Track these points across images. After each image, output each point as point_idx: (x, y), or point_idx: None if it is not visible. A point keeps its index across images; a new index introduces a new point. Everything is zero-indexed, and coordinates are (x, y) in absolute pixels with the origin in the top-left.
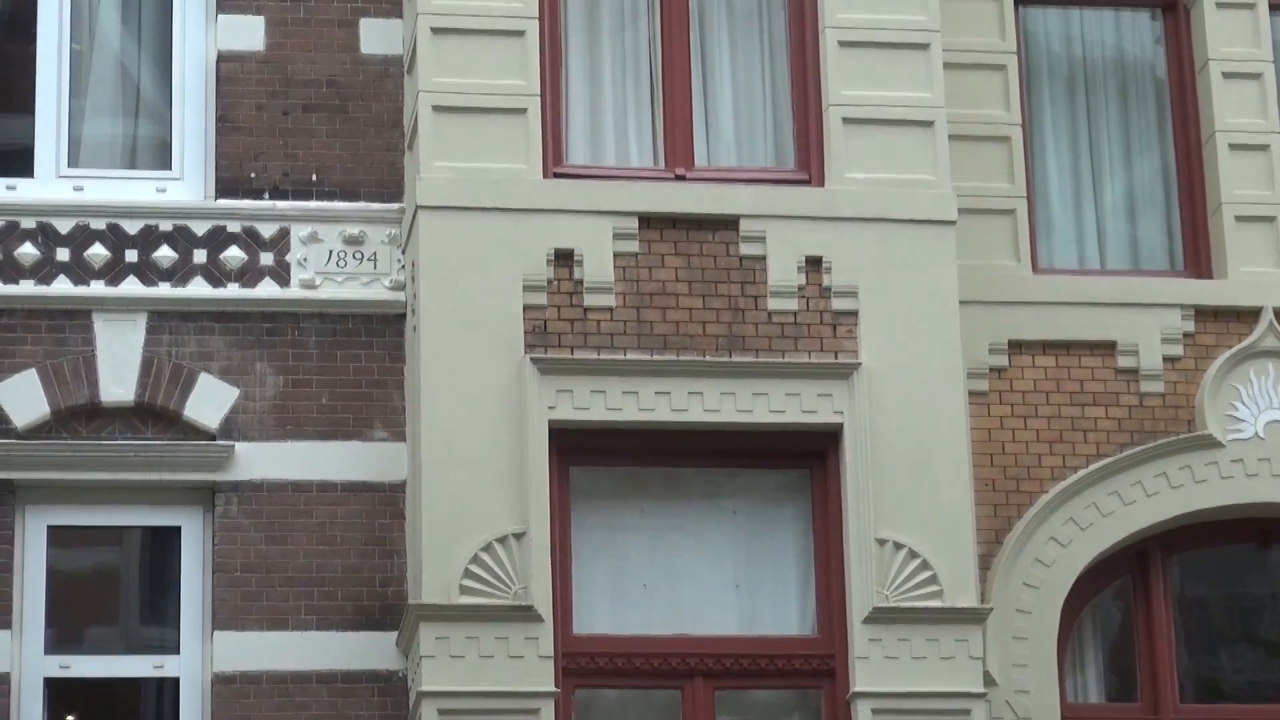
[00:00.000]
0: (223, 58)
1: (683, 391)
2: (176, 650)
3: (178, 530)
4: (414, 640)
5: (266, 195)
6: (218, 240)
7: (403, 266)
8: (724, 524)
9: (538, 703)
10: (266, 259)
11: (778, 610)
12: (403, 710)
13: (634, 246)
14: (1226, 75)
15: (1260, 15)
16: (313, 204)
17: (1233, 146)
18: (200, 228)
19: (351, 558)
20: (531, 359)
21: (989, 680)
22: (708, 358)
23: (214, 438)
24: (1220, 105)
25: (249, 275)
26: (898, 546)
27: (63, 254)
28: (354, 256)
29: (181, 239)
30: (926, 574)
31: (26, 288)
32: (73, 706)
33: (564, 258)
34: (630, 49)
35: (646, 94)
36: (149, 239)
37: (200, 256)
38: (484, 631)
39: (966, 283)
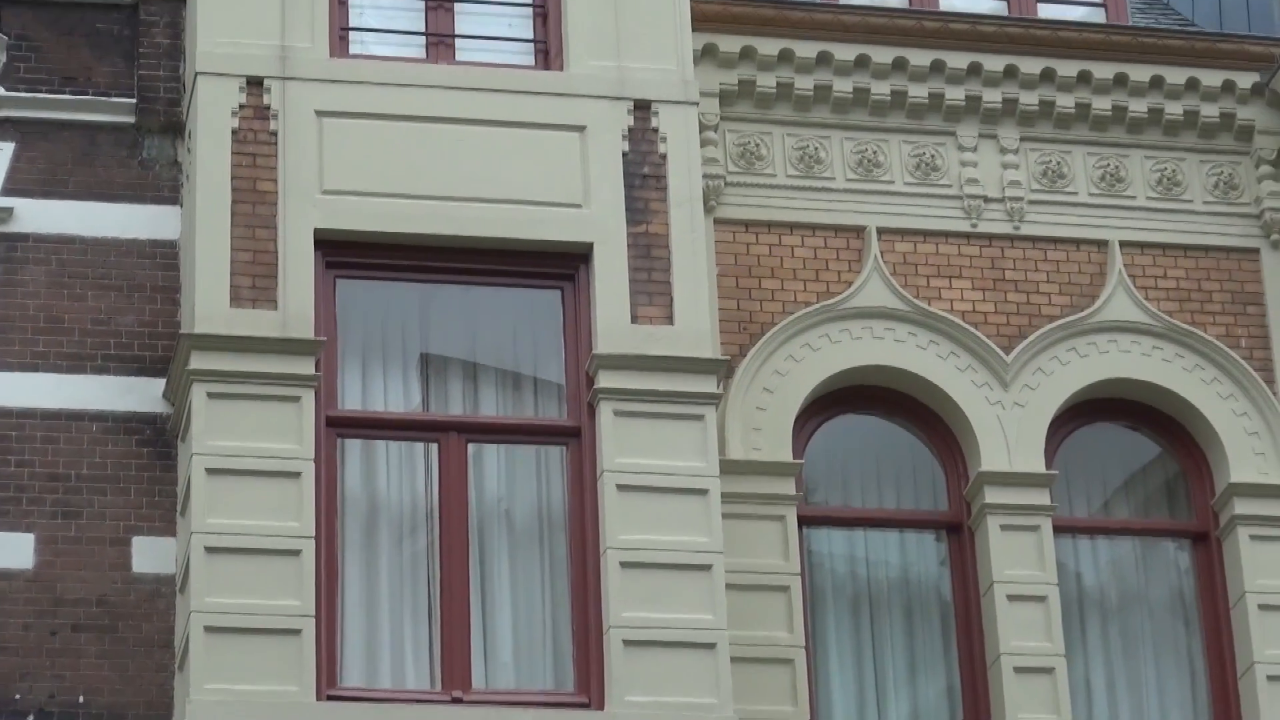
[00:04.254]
0: None
1: None
2: None
3: None
4: None
5: (31, 717)
6: None
7: None
8: None
9: None
10: None
11: None
12: None
13: None
14: (1011, 598)
15: (1044, 537)
16: None
17: (1018, 670)
18: None
19: None
20: None
21: None
22: None
23: None
24: (1005, 628)
25: None
26: None
27: None
28: None
29: None
30: None
31: None
32: None
33: None
34: (409, 564)
35: (424, 612)
36: None
37: None
38: None
39: None
